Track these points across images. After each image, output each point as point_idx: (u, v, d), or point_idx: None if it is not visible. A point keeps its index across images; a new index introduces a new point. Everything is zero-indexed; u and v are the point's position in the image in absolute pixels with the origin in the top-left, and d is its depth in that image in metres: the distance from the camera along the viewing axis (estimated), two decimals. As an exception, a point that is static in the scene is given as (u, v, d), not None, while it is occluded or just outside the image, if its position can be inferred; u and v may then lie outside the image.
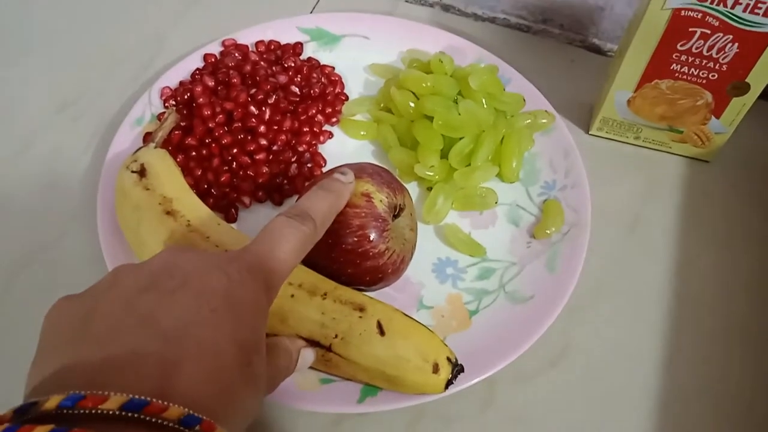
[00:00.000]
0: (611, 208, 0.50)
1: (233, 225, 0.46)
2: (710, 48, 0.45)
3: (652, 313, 0.46)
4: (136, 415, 0.21)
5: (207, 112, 0.48)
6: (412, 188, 0.49)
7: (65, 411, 0.21)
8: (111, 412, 0.21)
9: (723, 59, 0.46)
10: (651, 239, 0.50)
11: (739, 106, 0.48)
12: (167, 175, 0.43)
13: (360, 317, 0.38)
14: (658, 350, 0.44)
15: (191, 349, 0.24)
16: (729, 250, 0.49)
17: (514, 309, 0.44)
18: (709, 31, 0.44)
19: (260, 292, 0.29)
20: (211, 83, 0.50)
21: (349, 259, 0.39)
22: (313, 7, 0.62)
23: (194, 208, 0.42)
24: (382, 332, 0.38)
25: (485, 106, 0.49)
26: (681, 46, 0.46)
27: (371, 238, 0.39)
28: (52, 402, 0.21)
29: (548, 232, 0.47)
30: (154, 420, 0.22)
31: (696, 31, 0.45)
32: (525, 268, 0.46)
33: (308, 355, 0.36)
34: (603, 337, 0.45)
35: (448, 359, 0.38)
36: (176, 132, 0.48)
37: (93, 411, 0.21)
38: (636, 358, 0.44)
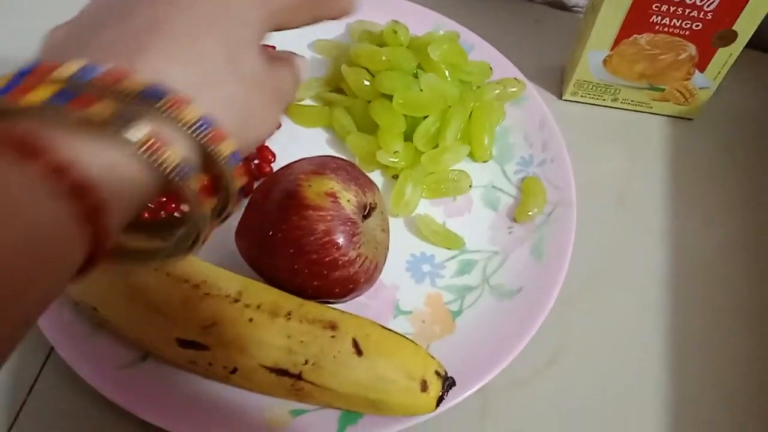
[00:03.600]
0: (594, 181, 0.46)
1: (175, 238, 0.40)
2: (693, -5, 0.41)
3: (650, 293, 0.42)
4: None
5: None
6: (376, 177, 0.44)
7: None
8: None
9: (708, 6, 0.41)
10: (640, 210, 0.45)
11: (725, 58, 0.44)
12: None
13: (332, 337, 0.33)
14: (661, 336, 0.41)
15: (164, 36, 0.21)
16: (722, 218, 0.45)
17: (501, 305, 0.39)
18: (691, -24, 0.40)
19: (249, 4, 0.24)
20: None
21: (316, 271, 0.34)
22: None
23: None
24: (359, 352, 0.32)
25: (449, 78, 0.44)
26: (661, -6, 0.41)
27: (340, 245, 0.33)
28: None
29: (530, 214, 0.42)
30: (110, 88, 0.19)
31: (677, -23, 0.40)
32: (509, 257, 0.41)
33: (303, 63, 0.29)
34: (601, 327, 0.41)
35: (437, 373, 0.33)
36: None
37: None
38: (639, 350, 0.40)
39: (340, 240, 0.33)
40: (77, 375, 0.34)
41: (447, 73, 0.44)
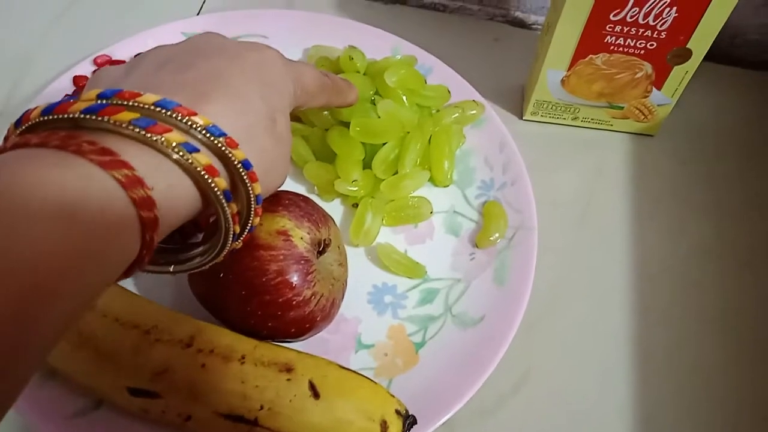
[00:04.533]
0: (556, 200, 0.46)
1: (127, 281, 0.39)
2: (646, 15, 0.40)
3: (615, 313, 0.42)
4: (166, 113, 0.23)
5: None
6: (335, 207, 0.43)
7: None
8: (146, 106, 0.23)
9: (661, 26, 0.41)
10: (603, 228, 0.45)
11: (681, 75, 0.44)
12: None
13: (288, 380, 0.32)
14: (627, 354, 0.40)
15: (222, 89, 0.25)
16: (685, 231, 0.45)
17: (464, 335, 0.38)
18: (643, -4, 0.40)
19: (288, 79, 0.30)
20: (83, 112, 0.42)
21: (270, 312, 0.33)
22: (200, 8, 0.54)
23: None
24: (316, 394, 0.32)
25: (406, 103, 0.44)
26: (614, 16, 0.41)
27: (294, 285, 0.33)
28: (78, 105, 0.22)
29: (492, 239, 0.41)
30: (180, 121, 0.23)
31: (629, -2, 0.40)
32: (471, 284, 0.40)
33: None
34: (567, 350, 0.40)
35: (397, 412, 0.33)
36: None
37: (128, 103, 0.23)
38: (605, 369, 0.40)
39: (294, 279, 0.33)
40: (28, 427, 0.33)
41: (404, 98, 0.44)
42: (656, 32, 0.41)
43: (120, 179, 0.20)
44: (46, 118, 0.22)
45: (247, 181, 0.25)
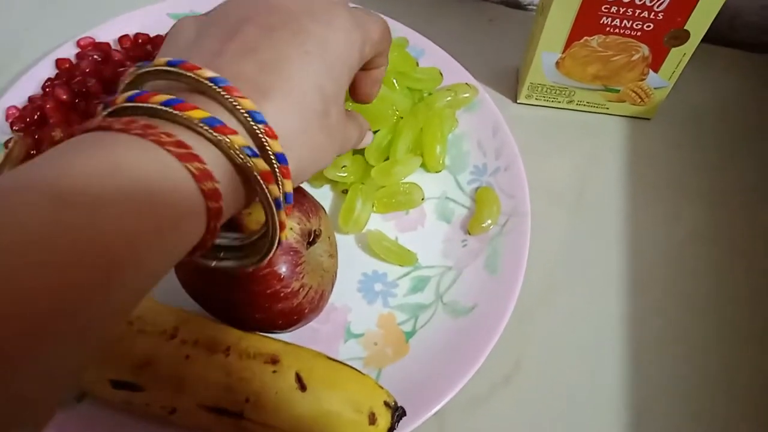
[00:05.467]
0: (551, 185, 0.45)
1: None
2: (643, -5, 0.39)
3: (608, 300, 0.41)
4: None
5: (61, 135, 0.39)
6: (325, 193, 0.42)
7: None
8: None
9: (658, 6, 0.40)
10: (598, 214, 0.44)
11: (678, 57, 0.43)
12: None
13: (274, 372, 0.31)
14: (620, 344, 0.40)
15: (281, 83, 0.25)
16: (680, 216, 0.45)
17: (455, 324, 0.38)
18: (639, -24, 0.38)
19: (355, 46, 0.29)
20: (64, 96, 0.41)
21: (257, 303, 0.32)
22: (187, -12, 0.53)
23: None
24: (302, 387, 0.31)
25: (397, 87, 0.43)
26: (610, -4, 0.40)
27: (282, 276, 0.32)
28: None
29: (484, 225, 0.41)
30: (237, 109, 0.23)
31: (625, -23, 0.39)
32: (463, 272, 0.40)
33: (369, 137, 0.36)
34: (559, 339, 0.40)
35: (386, 404, 0.32)
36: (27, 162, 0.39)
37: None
38: (598, 358, 0.39)
39: (282, 271, 0.32)
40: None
41: (395, 81, 0.43)
42: (653, 13, 0.40)
43: (193, 171, 0.22)
44: (128, 104, 0.23)
45: (282, 178, 0.25)
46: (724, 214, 0.45)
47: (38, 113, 0.41)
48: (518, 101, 0.48)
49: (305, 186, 0.41)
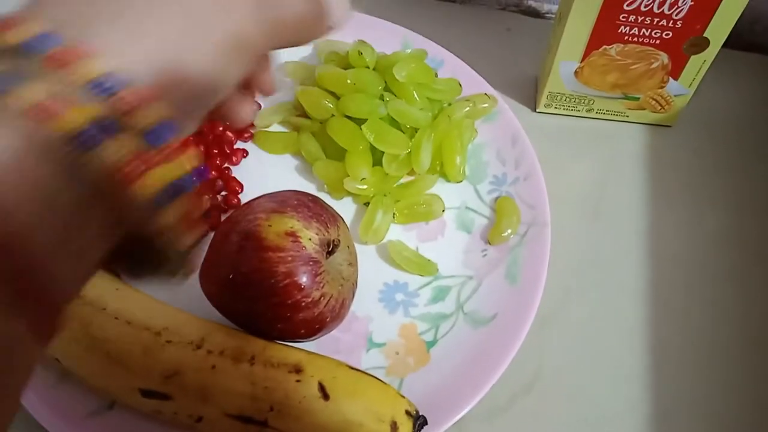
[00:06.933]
0: (571, 194, 0.45)
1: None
2: (661, 4, 0.39)
3: (629, 309, 0.41)
4: None
5: None
6: (346, 204, 0.43)
7: None
8: None
9: (676, 15, 0.40)
10: (618, 222, 0.44)
11: (698, 64, 0.43)
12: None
13: (297, 381, 0.32)
14: (640, 351, 0.40)
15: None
16: (701, 223, 0.44)
17: (476, 333, 0.38)
18: (657, -15, 0.39)
19: None
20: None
21: (278, 313, 0.33)
22: None
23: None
24: (325, 396, 0.32)
25: (417, 98, 0.43)
26: (628, 5, 0.40)
27: (302, 286, 0.32)
28: None
29: (504, 235, 0.41)
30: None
31: (643, -13, 0.39)
32: (483, 281, 0.40)
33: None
34: (579, 348, 0.40)
35: (408, 413, 0.33)
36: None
37: None
38: (619, 365, 0.39)
39: (303, 281, 0.32)
40: (43, 428, 0.34)
41: (414, 93, 0.43)
42: (672, 21, 0.40)
43: None
44: None
45: (119, 108, 0.17)
46: (746, 220, 0.45)
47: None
48: (537, 110, 0.49)
49: (325, 198, 0.41)
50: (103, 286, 0.34)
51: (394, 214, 0.42)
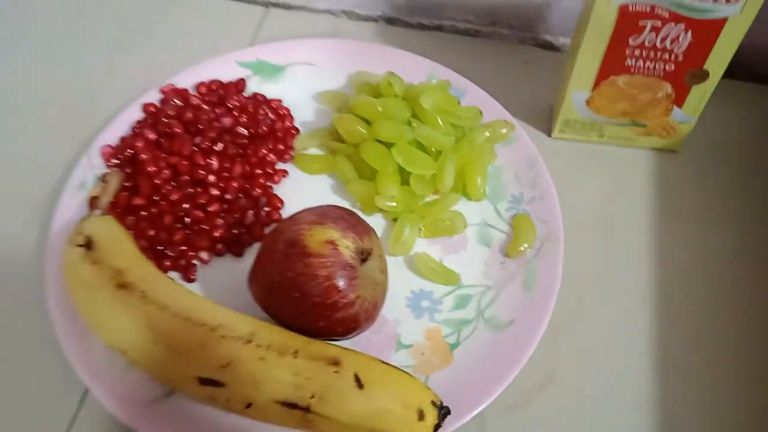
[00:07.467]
0: (583, 213, 0.49)
1: (194, 284, 0.44)
2: (663, 39, 0.44)
3: (637, 318, 0.45)
4: None
5: (152, 169, 0.45)
6: (378, 220, 0.47)
7: None
8: None
9: (678, 49, 0.44)
10: (627, 240, 0.48)
11: (700, 94, 0.47)
12: (116, 244, 0.41)
13: (336, 372, 0.36)
14: (648, 357, 0.43)
15: None
16: (706, 241, 0.48)
17: (495, 337, 0.42)
18: (660, 23, 0.43)
19: None
20: (152, 136, 0.48)
21: (319, 312, 0.37)
22: (252, 39, 0.59)
23: (148, 277, 0.39)
24: (360, 385, 0.36)
25: (441, 124, 0.48)
26: (633, 40, 0.44)
27: (340, 288, 0.37)
28: None
29: (521, 249, 0.45)
30: None
31: (647, 24, 0.43)
32: (501, 291, 0.44)
33: None
34: (590, 350, 0.43)
35: (433, 403, 0.36)
36: (123, 193, 0.46)
37: None
38: (626, 368, 0.43)
39: (340, 284, 0.37)
40: (110, 414, 0.38)
41: (439, 119, 0.48)
42: (673, 55, 0.44)
43: None
44: None
45: None
46: (747, 238, 0.48)
47: (129, 150, 0.47)
48: (552, 136, 0.53)
49: (358, 212, 0.46)
50: (165, 288, 0.39)
51: (420, 229, 0.46)
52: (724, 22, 0.42)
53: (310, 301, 0.37)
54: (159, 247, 0.44)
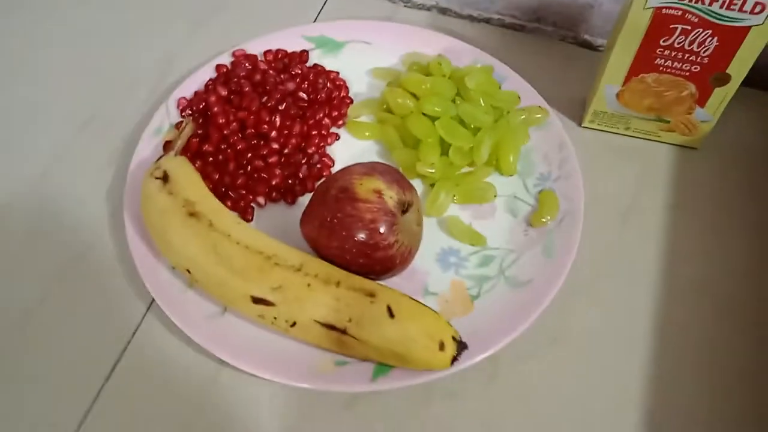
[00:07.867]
0: (604, 197, 0.53)
1: (250, 224, 0.50)
2: (691, 43, 0.48)
3: (644, 292, 0.49)
4: None
5: (222, 120, 0.51)
6: (416, 184, 0.52)
7: None
8: None
9: (704, 53, 0.48)
10: (643, 225, 0.52)
11: (721, 96, 0.51)
12: (188, 180, 0.47)
13: (371, 302, 0.41)
14: (647, 328, 0.47)
15: None
16: (717, 233, 0.52)
17: (513, 292, 0.47)
18: (689, 27, 0.47)
19: None
20: (224, 93, 0.53)
21: (361, 251, 0.43)
22: (317, 16, 0.65)
23: (215, 210, 0.45)
24: (391, 315, 0.41)
25: (482, 104, 0.53)
26: (664, 41, 0.49)
27: (381, 231, 0.42)
28: None
29: (544, 220, 0.50)
30: None
31: (677, 28, 0.48)
32: (523, 254, 0.49)
33: None
34: (598, 317, 0.48)
35: (453, 338, 0.41)
36: (194, 140, 0.52)
37: None
38: (628, 335, 0.47)
39: (382, 228, 0.42)
40: (172, 322, 0.44)
41: (481, 100, 0.53)
42: (700, 57, 0.49)
43: None
44: None
45: None
46: (760, 239, 0.52)
47: (203, 104, 0.53)
48: (582, 125, 0.57)
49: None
50: (229, 220, 0.45)
51: (454, 195, 0.51)
52: (748, 30, 0.46)
53: (354, 239, 0.42)
54: (222, 189, 0.50)
